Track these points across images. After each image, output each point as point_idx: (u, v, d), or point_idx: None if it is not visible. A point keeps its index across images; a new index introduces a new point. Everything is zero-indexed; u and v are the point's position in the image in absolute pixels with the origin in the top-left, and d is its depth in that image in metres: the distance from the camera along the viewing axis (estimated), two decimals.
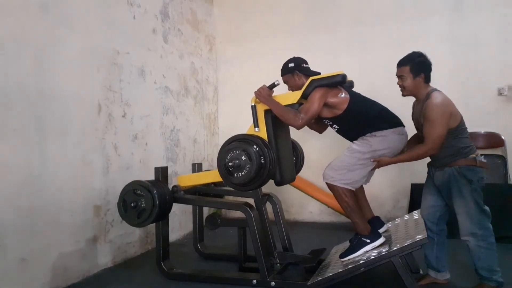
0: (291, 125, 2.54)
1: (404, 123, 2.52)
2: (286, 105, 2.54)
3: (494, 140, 3.89)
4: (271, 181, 2.57)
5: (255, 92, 2.58)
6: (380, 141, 2.41)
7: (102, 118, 3.01)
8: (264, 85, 2.58)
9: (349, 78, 2.66)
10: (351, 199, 2.45)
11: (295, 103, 2.55)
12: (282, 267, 2.74)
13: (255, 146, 2.47)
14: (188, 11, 4.37)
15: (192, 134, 4.37)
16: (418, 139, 2.53)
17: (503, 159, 3.80)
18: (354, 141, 2.50)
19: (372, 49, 4.31)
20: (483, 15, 3.97)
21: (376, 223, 2.63)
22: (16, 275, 2.30)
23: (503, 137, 3.86)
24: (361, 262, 2.26)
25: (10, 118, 2.30)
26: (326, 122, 2.61)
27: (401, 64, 2.40)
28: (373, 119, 2.47)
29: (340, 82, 2.46)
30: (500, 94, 3.90)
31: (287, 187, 4.39)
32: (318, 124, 2.77)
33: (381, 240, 2.42)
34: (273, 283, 2.48)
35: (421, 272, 2.68)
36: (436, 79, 4.23)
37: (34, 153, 2.44)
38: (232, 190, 3.58)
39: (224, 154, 2.51)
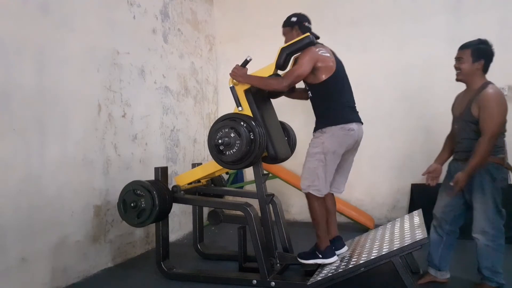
0: (276, 90, 2.58)
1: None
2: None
3: None
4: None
5: (231, 74, 2.62)
6: (329, 137, 2.46)
7: (102, 118, 3.01)
8: (237, 65, 2.62)
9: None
10: (320, 211, 2.51)
11: (271, 75, 2.58)
12: (282, 267, 2.74)
13: (242, 123, 2.49)
14: (188, 11, 4.37)
15: (192, 134, 4.37)
16: (452, 137, 2.49)
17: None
18: (311, 142, 2.56)
19: (372, 50, 4.31)
20: (483, 15, 3.97)
21: (337, 243, 2.65)
22: (16, 275, 2.30)
23: None
24: (361, 262, 2.26)
25: (10, 118, 2.29)
26: (305, 86, 2.65)
27: (463, 47, 2.38)
28: (338, 109, 2.51)
29: (309, 43, 2.50)
30: None
31: (287, 187, 4.39)
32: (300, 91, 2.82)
33: (333, 259, 2.49)
34: (273, 283, 2.48)
35: (421, 272, 2.67)
36: (437, 79, 4.26)
37: (34, 153, 2.44)
38: (232, 190, 3.60)
39: (213, 135, 2.53)
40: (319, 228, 2.51)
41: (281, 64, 2.54)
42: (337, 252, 2.58)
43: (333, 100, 2.52)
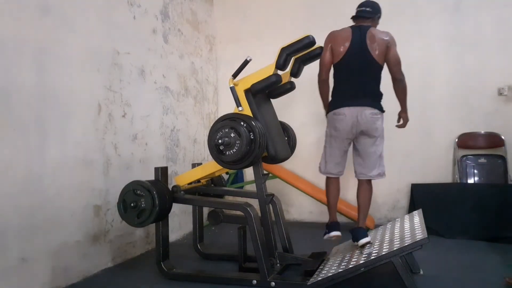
0: (324, 83, 2.84)
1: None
2: (263, 79, 2.61)
3: (494, 140, 3.89)
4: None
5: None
6: (328, 123, 2.82)
7: (102, 118, 3.01)
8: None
9: None
10: (329, 191, 2.88)
11: (271, 75, 2.59)
12: (282, 267, 2.74)
13: (242, 123, 2.50)
14: (188, 11, 4.37)
15: (192, 134, 4.37)
16: None
17: (503, 159, 3.80)
18: None
19: None
20: (482, 15, 3.97)
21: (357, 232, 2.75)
22: (16, 275, 2.29)
23: (503, 137, 3.86)
24: (361, 262, 2.26)
25: (10, 118, 2.29)
26: None
27: None
28: (335, 96, 2.78)
29: (309, 43, 2.60)
30: (500, 94, 3.90)
31: (287, 187, 4.39)
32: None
33: (333, 234, 2.79)
34: (273, 283, 2.48)
35: (421, 272, 2.67)
36: (436, 79, 4.26)
37: (34, 153, 2.44)
38: (232, 190, 3.60)
39: (213, 135, 2.54)
40: (328, 206, 2.90)
41: (281, 64, 2.55)
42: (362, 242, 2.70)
43: (335, 86, 2.77)
